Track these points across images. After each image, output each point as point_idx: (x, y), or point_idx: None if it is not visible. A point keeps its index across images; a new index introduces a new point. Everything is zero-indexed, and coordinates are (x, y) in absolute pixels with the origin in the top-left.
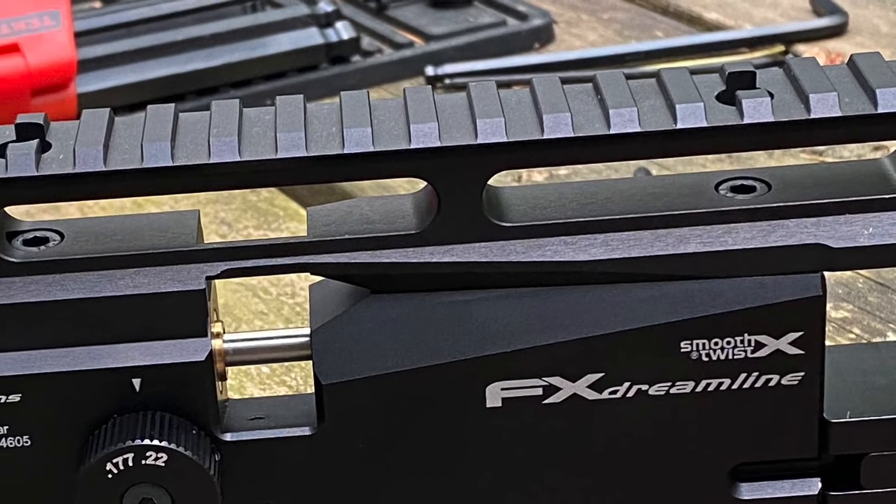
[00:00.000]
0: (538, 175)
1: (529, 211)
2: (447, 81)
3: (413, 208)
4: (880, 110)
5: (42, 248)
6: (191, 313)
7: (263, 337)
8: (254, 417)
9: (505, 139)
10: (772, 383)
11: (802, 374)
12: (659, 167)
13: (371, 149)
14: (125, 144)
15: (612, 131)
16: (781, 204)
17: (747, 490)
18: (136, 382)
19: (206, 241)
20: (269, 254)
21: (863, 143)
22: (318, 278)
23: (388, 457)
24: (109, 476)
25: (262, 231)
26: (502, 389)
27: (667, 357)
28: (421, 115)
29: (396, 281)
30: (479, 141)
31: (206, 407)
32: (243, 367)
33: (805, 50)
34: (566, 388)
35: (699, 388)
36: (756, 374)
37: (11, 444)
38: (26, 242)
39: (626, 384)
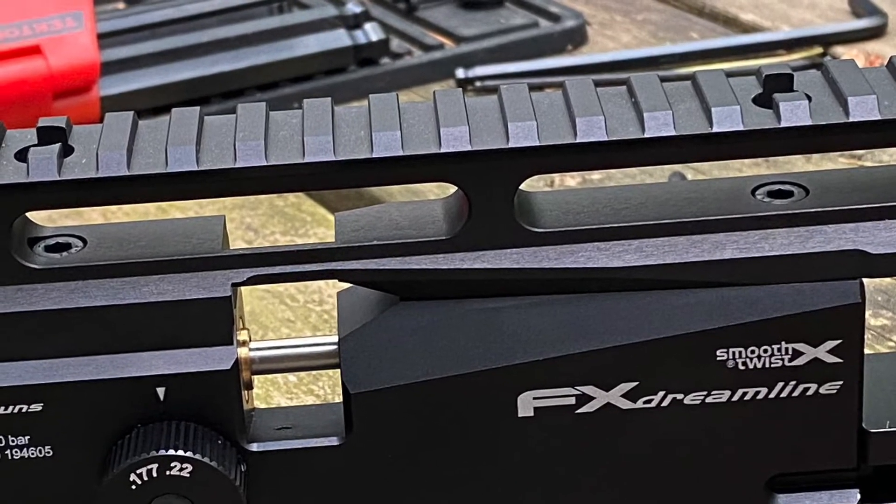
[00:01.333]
0: (571, 180)
1: (562, 216)
2: (478, 84)
3: (443, 214)
4: None
5: (64, 254)
6: (216, 321)
7: (290, 345)
8: (280, 427)
9: (537, 143)
10: (809, 392)
11: (841, 382)
12: (694, 171)
13: (400, 153)
14: (149, 148)
15: (646, 135)
16: (819, 209)
17: (784, 502)
18: (161, 391)
19: (231, 248)
20: (296, 260)
21: None
22: (347, 285)
23: (418, 468)
24: (133, 487)
25: (288, 237)
26: (535, 399)
27: (702, 365)
28: (451, 119)
29: (426, 288)
30: (511, 145)
31: (231, 416)
32: (270, 376)
33: (843, 52)
34: (600, 398)
35: (735, 398)
36: (793, 382)
37: (33, 454)
38: (48, 248)
39: (661, 393)
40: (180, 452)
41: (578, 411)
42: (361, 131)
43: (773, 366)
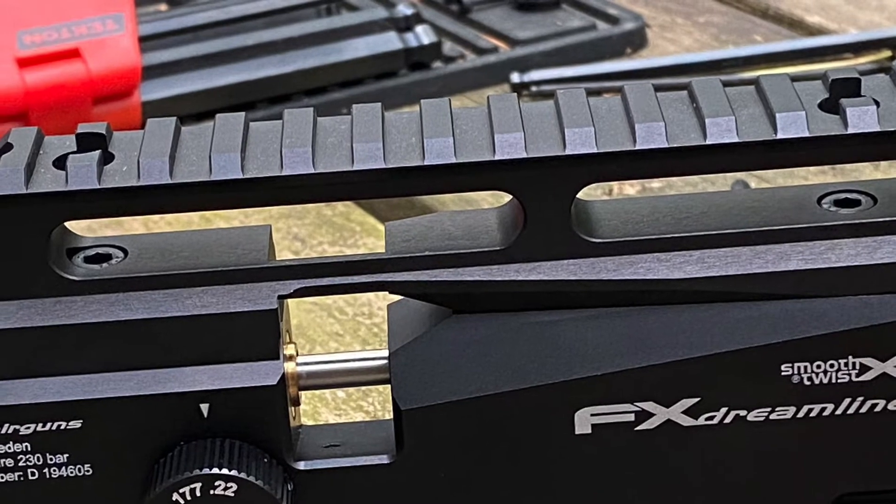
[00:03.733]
0: (630, 188)
1: (620, 226)
2: (534, 89)
3: (497, 223)
4: None
5: (104, 265)
6: (262, 334)
7: (339, 359)
8: (329, 445)
9: (595, 150)
10: (877, 409)
11: None
12: (758, 179)
13: (453, 160)
14: (192, 156)
15: (708, 141)
16: (888, 218)
17: None
18: (204, 408)
19: (278, 258)
20: (344, 271)
21: None
22: (397, 297)
23: (471, 487)
24: None
25: (337, 247)
26: (592, 415)
27: (766, 381)
28: (506, 125)
29: (480, 300)
30: (568, 152)
31: (278, 434)
32: (317, 392)
33: None
34: (660, 414)
35: (801, 414)
36: (861, 398)
37: (72, 472)
38: (88, 259)
39: (724, 410)
40: (225, 471)
41: (638, 428)
42: (413, 138)
43: (839, 381)
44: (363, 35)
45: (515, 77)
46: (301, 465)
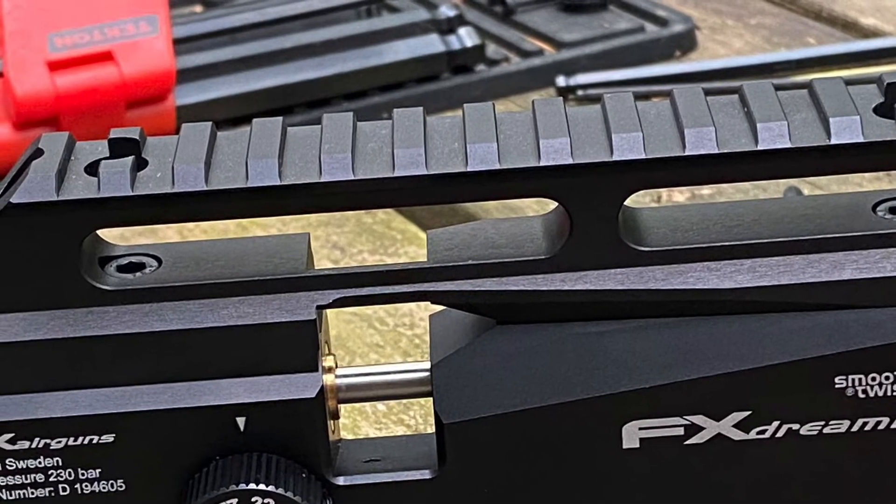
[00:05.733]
0: (679, 195)
1: (670, 234)
2: (580, 93)
3: (543, 231)
4: None
5: (138, 274)
6: (300, 346)
7: (379, 371)
8: (369, 459)
9: (643, 156)
10: None
11: None
12: (811, 186)
13: (497, 166)
14: (228, 161)
15: (760, 147)
16: None
17: None
18: (241, 421)
19: (316, 268)
20: (385, 281)
21: None
22: (439, 308)
23: (515, 503)
24: None
25: (377, 256)
26: (640, 429)
27: (820, 394)
28: (551, 130)
29: (524, 310)
30: (615, 158)
31: (316, 448)
32: (357, 405)
33: None
34: (710, 428)
35: (855, 428)
36: None
37: (104, 488)
38: (121, 269)
39: (776, 423)
40: (262, 486)
41: (687, 442)
42: (455, 143)
43: (895, 394)
44: (404, 37)
45: (561, 81)
46: (340, 481)
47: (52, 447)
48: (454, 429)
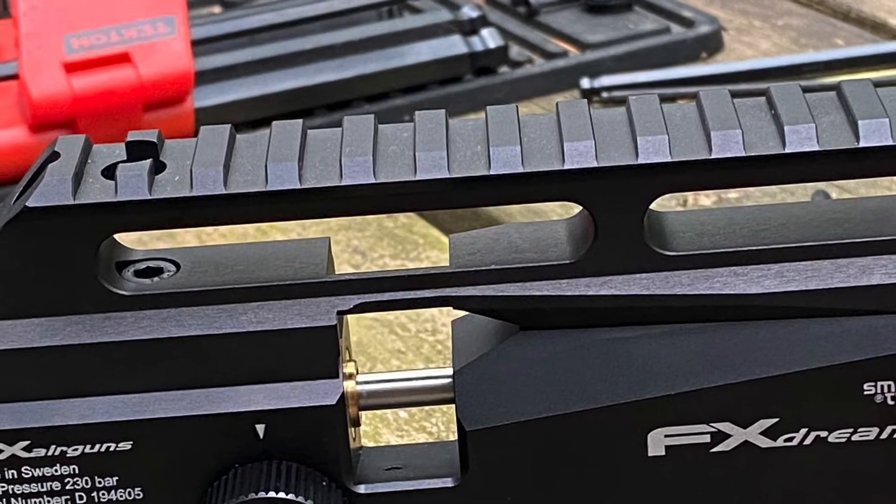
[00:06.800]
0: (705, 199)
1: (696, 238)
2: (605, 95)
3: (567, 236)
4: None
5: (156, 279)
6: (321, 352)
7: (401, 378)
8: (390, 467)
9: (669, 159)
10: None
11: None
12: (839, 190)
13: (520, 170)
14: (248, 165)
15: (787, 150)
16: None
17: None
18: (260, 429)
19: (337, 272)
20: (407, 286)
21: None
22: (462, 313)
23: None
24: None
25: (399, 261)
26: (666, 436)
27: (848, 400)
28: (576, 133)
29: (548, 316)
30: (641, 161)
31: (337, 456)
32: (378, 412)
33: None
34: (737, 435)
35: (884, 435)
36: None
37: (122, 496)
38: (138, 273)
39: (803, 431)
40: (282, 495)
41: (714, 450)
42: (478, 146)
43: None
44: (426, 38)
45: (585, 83)
46: (361, 489)
47: (68, 455)
48: (477, 436)
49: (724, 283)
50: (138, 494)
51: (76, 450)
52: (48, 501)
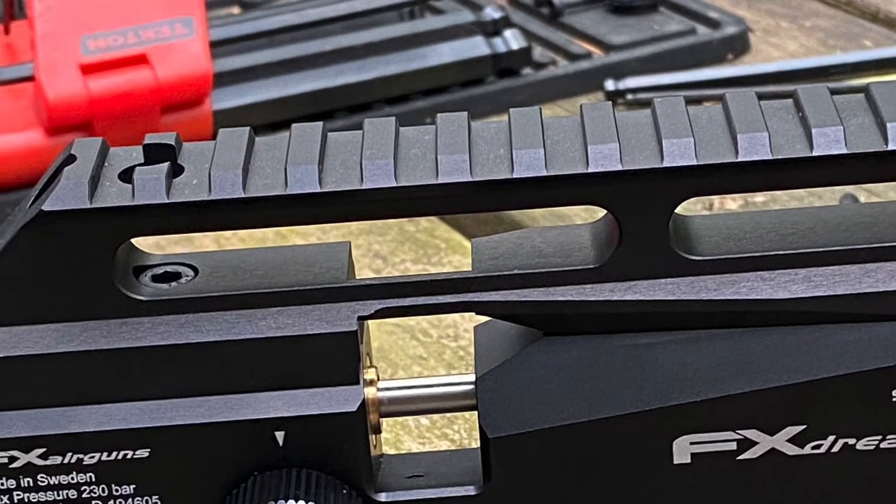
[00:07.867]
0: (732, 202)
1: (722, 243)
2: (629, 97)
3: (591, 240)
4: None
5: (173, 284)
6: (341, 358)
7: (423, 384)
8: (412, 475)
9: (694, 162)
10: None
11: None
12: (868, 193)
13: (544, 173)
14: (267, 168)
15: (815, 153)
16: None
17: None
18: (280, 436)
19: (358, 277)
20: (428, 291)
21: None
22: (484, 319)
23: None
24: None
25: (420, 265)
26: (692, 444)
27: (877, 407)
28: (600, 135)
29: (572, 321)
30: (666, 164)
31: (357, 463)
32: (400, 419)
33: None
34: (763, 443)
35: None
36: None
37: None
38: (156, 278)
39: (831, 438)
40: (301, 503)
41: (740, 457)
42: (501, 149)
43: None
44: (448, 40)
45: (610, 84)
46: (382, 497)
47: (84, 462)
48: (500, 443)
49: (750, 287)
50: (156, 502)
51: (93, 457)
52: None
